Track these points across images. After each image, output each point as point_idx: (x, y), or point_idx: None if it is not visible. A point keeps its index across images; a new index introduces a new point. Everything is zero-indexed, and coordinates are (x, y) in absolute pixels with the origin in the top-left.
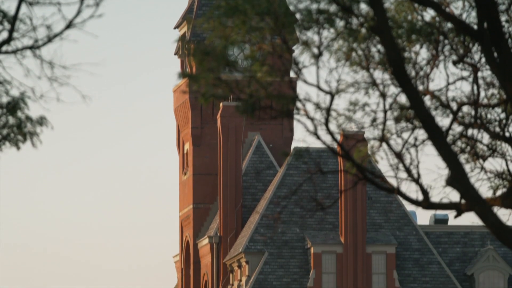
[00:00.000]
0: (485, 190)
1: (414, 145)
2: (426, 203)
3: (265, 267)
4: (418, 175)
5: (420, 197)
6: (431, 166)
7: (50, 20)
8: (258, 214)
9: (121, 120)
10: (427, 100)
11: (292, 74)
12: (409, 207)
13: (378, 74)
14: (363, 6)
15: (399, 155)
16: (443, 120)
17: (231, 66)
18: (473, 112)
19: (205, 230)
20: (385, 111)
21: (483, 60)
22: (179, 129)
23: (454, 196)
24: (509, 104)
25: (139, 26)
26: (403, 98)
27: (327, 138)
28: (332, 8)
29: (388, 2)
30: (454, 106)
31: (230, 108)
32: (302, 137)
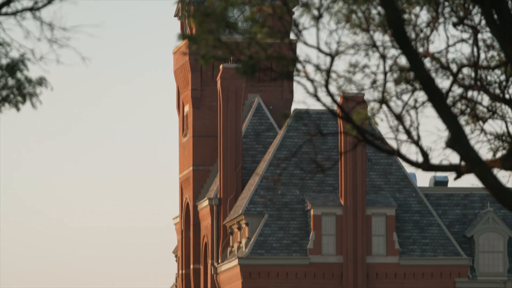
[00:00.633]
0: (485, 152)
1: (414, 107)
2: (426, 165)
3: (265, 229)
4: (418, 137)
5: (420, 159)
6: (431, 128)
7: None
8: (258, 176)
9: (121, 82)
10: (427, 62)
11: (292, 36)
12: (409, 169)
13: (378, 36)
14: None
15: (399, 117)
16: (443, 82)
17: (231, 28)
18: (473, 74)
19: (205, 192)
20: (385, 73)
21: (483, 22)
22: (179, 91)
23: (454, 158)
24: (509, 66)
25: None
26: (403, 60)
27: (327, 100)
28: None
29: None
30: (454, 68)
31: (230, 70)
32: (302, 99)
